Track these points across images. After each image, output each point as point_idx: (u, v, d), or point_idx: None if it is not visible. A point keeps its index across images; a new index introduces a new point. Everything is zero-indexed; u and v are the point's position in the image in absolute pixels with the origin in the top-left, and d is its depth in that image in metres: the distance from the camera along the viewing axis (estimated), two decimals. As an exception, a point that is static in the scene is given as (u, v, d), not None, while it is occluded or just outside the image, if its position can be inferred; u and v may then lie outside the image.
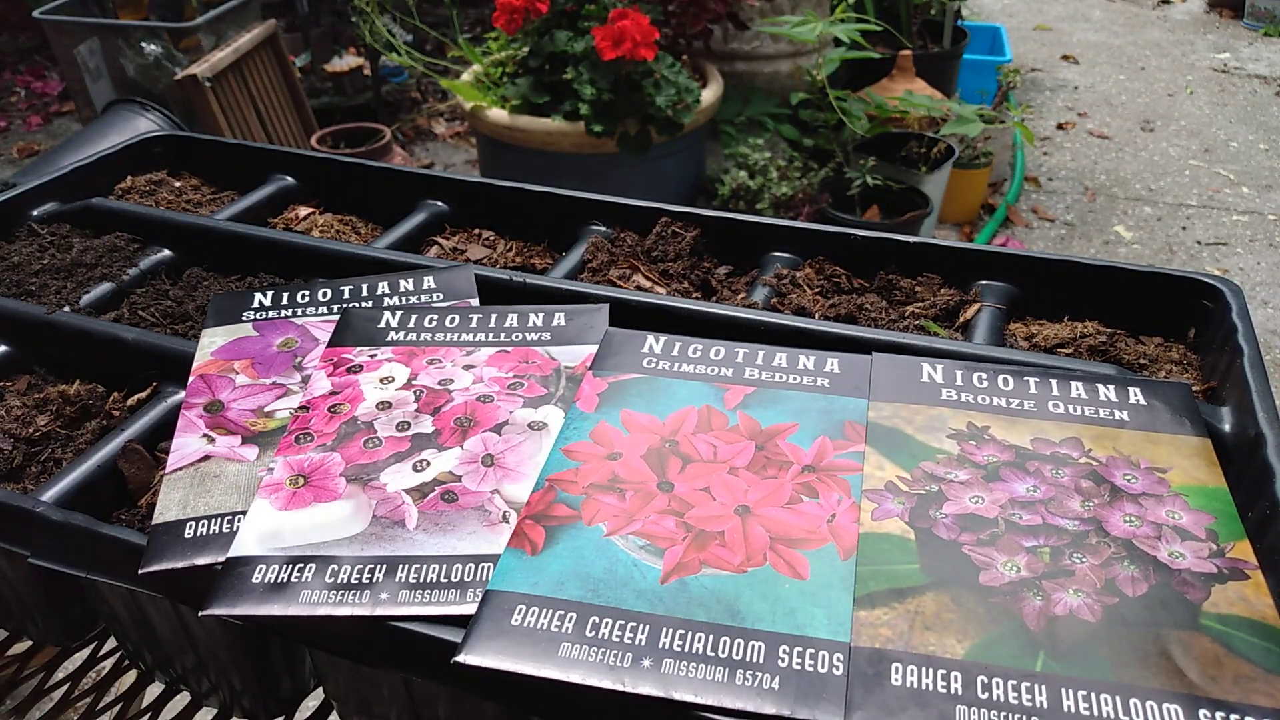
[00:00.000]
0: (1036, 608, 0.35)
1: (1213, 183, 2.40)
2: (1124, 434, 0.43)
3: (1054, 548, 0.38)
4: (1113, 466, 0.41)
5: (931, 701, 0.32)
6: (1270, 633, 0.34)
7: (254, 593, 0.37)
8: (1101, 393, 0.46)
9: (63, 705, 0.52)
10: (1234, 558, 0.37)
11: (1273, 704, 0.31)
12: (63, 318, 0.56)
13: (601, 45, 1.63)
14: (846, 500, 0.40)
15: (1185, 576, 0.36)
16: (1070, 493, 0.40)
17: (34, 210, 0.69)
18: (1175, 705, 0.31)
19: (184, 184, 0.77)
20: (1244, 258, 2.09)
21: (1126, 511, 0.39)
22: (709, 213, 0.64)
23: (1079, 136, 2.66)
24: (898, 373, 0.48)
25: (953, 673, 0.33)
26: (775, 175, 1.96)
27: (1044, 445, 0.43)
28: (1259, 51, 3.23)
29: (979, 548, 0.38)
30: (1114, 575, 0.36)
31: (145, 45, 1.97)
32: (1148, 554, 0.37)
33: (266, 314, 0.53)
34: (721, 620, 0.35)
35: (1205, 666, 0.33)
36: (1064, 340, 0.55)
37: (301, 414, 0.46)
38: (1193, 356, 0.54)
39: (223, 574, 0.38)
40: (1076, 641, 0.34)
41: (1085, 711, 0.31)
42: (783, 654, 0.34)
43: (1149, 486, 0.40)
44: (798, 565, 0.37)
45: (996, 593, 0.36)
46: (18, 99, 2.86)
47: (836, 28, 1.81)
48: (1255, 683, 0.32)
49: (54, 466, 0.49)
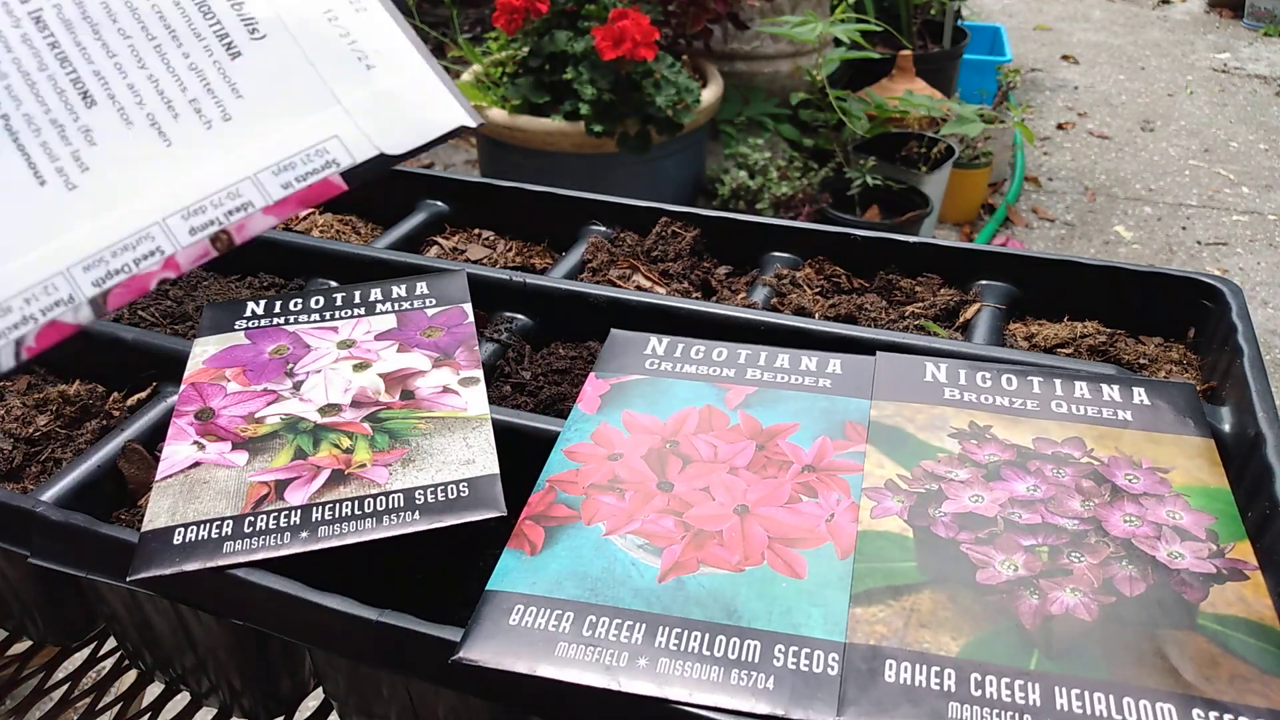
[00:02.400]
0: (1033, 606, 0.35)
1: (1213, 183, 2.40)
2: (1127, 434, 0.43)
3: (1052, 547, 0.38)
4: (1114, 466, 0.41)
5: (924, 699, 0.32)
6: (1267, 633, 0.34)
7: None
8: (1105, 393, 0.46)
9: (63, 705, 0.52)
10: (1233, 558, 0.37)
11: (1267, 704, 0.31)
12: (62, 317, 0.56)
13: (601, 45, 1.63)
14: (846, 500, 0.40)
15: (1184, 577, 0.36)
16: (1071, 492, 0.40)
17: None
18: (1169, 705, 0.31)
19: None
20: (1244, 258, 2.09)
21: (1127, 511, 0.39)
22: (709, 213, 0.64)
23: (1079, 136, 2.66)
24: (900, 372, 0.48)
25: (946, 670, 0.33)
26: (775, 175, 1.96)
27: (1046, 445, 0.43)
28: (1259, 51, 3.23)
29: (977, 546, 0.38)
30: (1112, 575, 0.36)
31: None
32: (1147, 554, 0.37)
33: (259, 322, 0.53)
34: (718, 619, 0.35)
35: (1201, 666, 0.33)
36: (1064, 340, 0.55)
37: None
38: (1193, 356, 0.54)
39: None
40: (1071, 640, 0.34)
41: (1078, 710, 0.31)
42: (778, 653, 0.34)
43: (1150, 486, 0.40)
44: (795, 564, 0.37)
45: (993, 591, 0.36)
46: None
47: (836, 28, 1.81)
48: (1250, 683, 0.32)
49: (54, 466, 0.49)
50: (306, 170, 0.31)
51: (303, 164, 0.31)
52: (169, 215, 0.30)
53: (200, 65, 0.31)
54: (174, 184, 0.30)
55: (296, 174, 0.31)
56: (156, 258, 0.30)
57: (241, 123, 0.31)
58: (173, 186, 0.30)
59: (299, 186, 0.31)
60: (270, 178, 0.31)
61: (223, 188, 0.30)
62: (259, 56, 0.32)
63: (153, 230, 0.30)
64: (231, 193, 0.30)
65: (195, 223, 0.30)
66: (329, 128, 0.32)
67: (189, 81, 0.31)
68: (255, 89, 0.31)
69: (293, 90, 0.31)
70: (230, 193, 0.30)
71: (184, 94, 0.31)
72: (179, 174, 0.30)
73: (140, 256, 0.30)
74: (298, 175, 0.31)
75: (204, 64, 0.31)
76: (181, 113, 0.31)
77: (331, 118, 0.32)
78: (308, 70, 0.32)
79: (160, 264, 0.30)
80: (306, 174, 0.31)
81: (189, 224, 0.30)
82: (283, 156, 0.31)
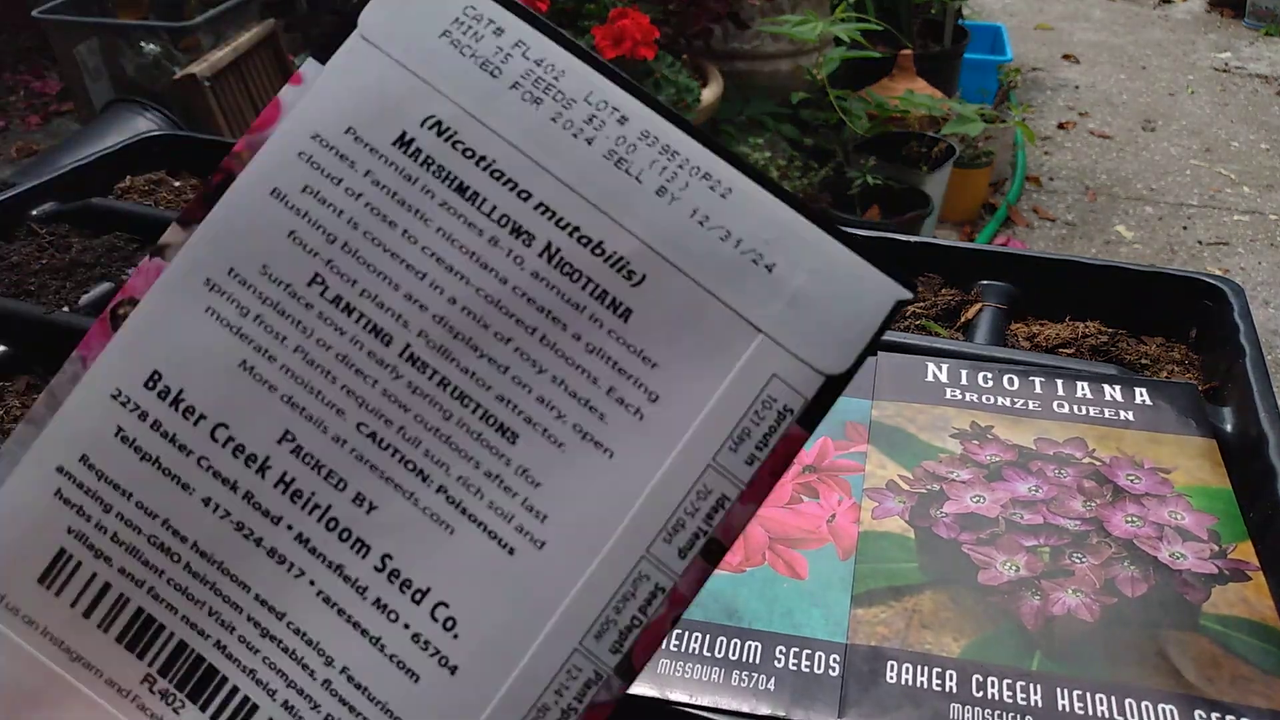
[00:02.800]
0: (1034, 607, 0.35)
1: (1214, 182, 2.40)
2: (1128, 434, 0.43)
3: (1054, 547, 0.37)
4: (1116, 467, 0.41)
5: (926, 700, 0.32)
6: (1269, 634, 0.34)
7: None
8: (1107, 393, 0.46)
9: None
10: (1235, 559, 0.37)
11: (1269, 705, 0.31)
12: (61, 318, 0.56)
13: (601, 44, 1.63)
14: (847, 500, 0.40)
15: (1186, 577, 0.36)
16: (1072, 493, 0.40)
17: (33, 210, 0.69)
18: (1171, 705, 0.31)
19: (183, 183, 0.77)
20: (1245, 257, 2.08)
21: (1129, 512, 0.39)
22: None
23: (1080, 136, 2.66)
24: (902, 372, 0.47)
25: (948, 671, 0.33)
26: (775, 174, 1.96)
27: (1047, 445, 0.43)
28: (1260, 51, 3.23)
29: (978, 547, 0.38)
30: (1114, 575, 0.36)
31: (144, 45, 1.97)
32: (1148, 554, 0.37)
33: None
34: (719, 620, 0.35)
35: (1203, 667, 0.32)
36: (1065, 340, 0.55)
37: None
38: (1194, 356, 0.54)
39: None
40: (1073, 641, 0.34)
41: (1080, 711, 0.31)
42: (779, 654, 0.34)
43: (1152, 487, 0.40)
44: (796, 565, 0.37)
45: (995, 592, 0.36)
46: (17, 98, 2.86)
47: (837, 27, 1.81)
48: (1253, 683, 0.32)
49: (53, 466, 0.49)
50: (763, 433, 0.24)
51: (755, 426, 0.24)
52: (650, 544, 0.24)
53: (598, 343, 0.25)
54: (634, 504, 0.24)
55: (755, 441, 0.24)
56: (660, 598, 0.24)
57: (670, 399, 0.24)
58: (635, 508, 0.24)
59: (764, 456, 0.24)
60: (730, 457, 0.24)
61: (687, 489, 0.24)
62: (650, 303, 0.25)
63: (642, 568, 0.24)
64: (699, 492, 0.24)
65: (680, 542, 0.24)
66: (763, 366, 0.24)
67: (596, 368, 0.25)
68: (667, 349, 0.25)
69: (701, 331, 0.24)
70: (698, 492, 0.24)
71: (597, 386, 0.24)
72: (634, 490, 0.24)
73: (643, 603, 0.24)
74: (757, 442, 0.24)
75: (600, 340, 0.25)
76: (606, 411, 0.24)
77: (759, 353, 0.24)
78: (705, 300, 0.25)
79: (667, 603, 0.24)
80: (765, 437, 0.24)
81: (674, 546, 0.24)
82: (731, 424, 0.24)
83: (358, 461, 0.25)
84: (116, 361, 0.26)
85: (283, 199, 0.26)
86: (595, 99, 0.26)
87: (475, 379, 0.25)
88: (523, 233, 0.25)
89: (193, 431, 0.25)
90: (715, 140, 0.26)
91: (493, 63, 0.26)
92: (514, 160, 0.26)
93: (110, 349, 0.26)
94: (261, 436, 0.25)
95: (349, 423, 0.25)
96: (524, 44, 0.26)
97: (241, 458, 0.25)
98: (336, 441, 0.25)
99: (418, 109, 0.26)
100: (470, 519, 0.25)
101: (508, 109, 0.26)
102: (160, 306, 0.26)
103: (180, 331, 0.26)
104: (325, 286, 0.25)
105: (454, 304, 0.25)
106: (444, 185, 0.25)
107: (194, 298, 0.26)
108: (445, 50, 0.26)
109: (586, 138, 0.26)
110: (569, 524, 0.24)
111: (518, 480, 0.25)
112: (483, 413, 0.25)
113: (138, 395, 0.25)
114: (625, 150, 0.25)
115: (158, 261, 0.26)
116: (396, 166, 0.26)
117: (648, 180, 0.25)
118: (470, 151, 0.26)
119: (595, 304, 0.25)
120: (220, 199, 0.26)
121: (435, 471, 0.25)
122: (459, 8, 0.26)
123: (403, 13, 0.26)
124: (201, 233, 0.26)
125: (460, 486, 0.25)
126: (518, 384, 0.25)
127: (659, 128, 0.26)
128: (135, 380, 0.25)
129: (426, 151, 0.26)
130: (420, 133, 0.26)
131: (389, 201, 0.25)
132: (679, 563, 0.24)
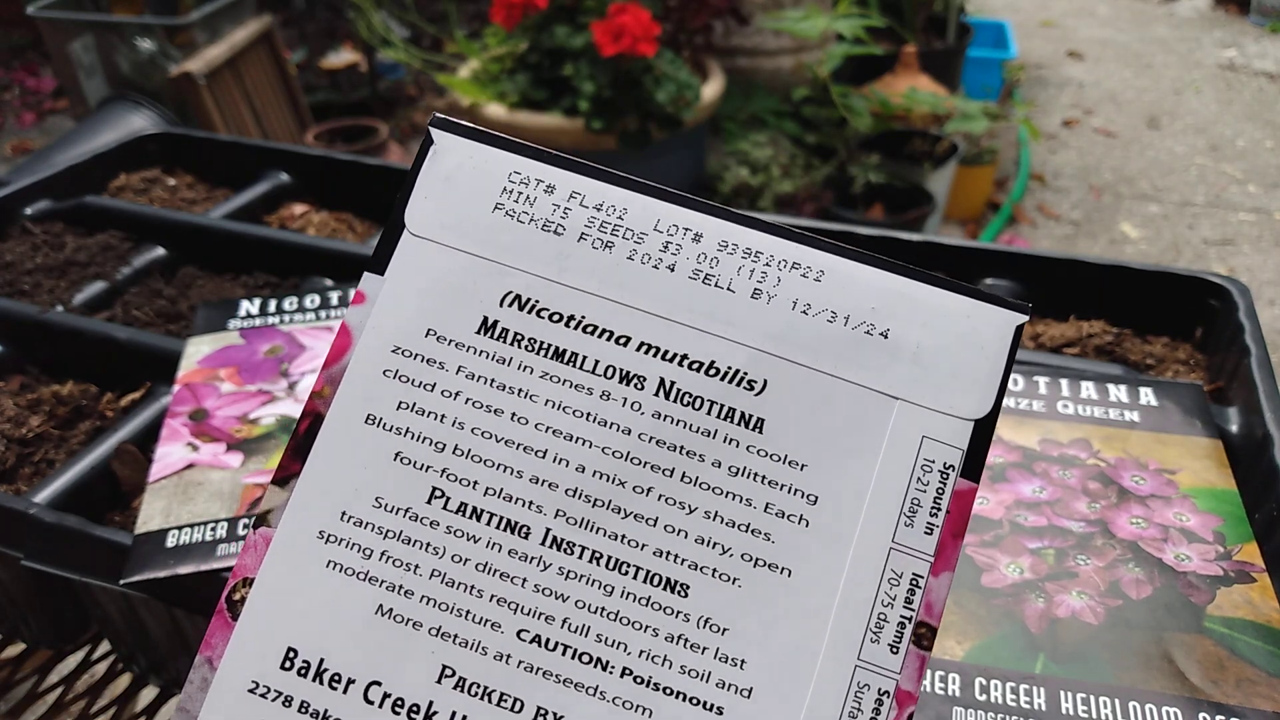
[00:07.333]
0: (1038, 610, 0.34)
1: (1219, 181, 2.39)
2: (1134, 435, 0.43)
3: (1059, 549, 0.37)
4: (1121, 468, 0.41)
5: (929, 703, 0.32)
6: (1275, 636, 0.33)
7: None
8: (1112, 393, 0.45)
9: (57, 709, 0.52)
10: (1240, 560, 0.36)
11: (1274, 707, 0.31)
12: (56, 317, 0.56)
13: (601, 41, 1.62)
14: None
15: (1190, 579, 0.35)
16: (1077, 494, 0.40)
17: (27, 208, 0.69)
18: (1175, 708, 0.31)
19: (178, 181, 0.77)
20: (1250, 256, 2.07)
21: (1133, 513, 0.38)
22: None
23: (1085, 133, 2.65)
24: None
25: (951, 674, 0.32)
26: (777, 172, 1.95)
27: (1052, 446, 0.42)
28: (1265, 48, 3.21)
29: (983, 549, 0.37)
30: (1118, 577, 0.36)
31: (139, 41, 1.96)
32: (1153, 556, 0.36)
33: (253, 321, 0.53)
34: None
35: (1207, 669, 0.32)
36: (1070, 340, 0.54)
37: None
38: (1199, 356, 0.54)
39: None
40: (1077, 644, 0.33)
41: (1084, 714, 0.31)
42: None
43: (1157, 488, 0.40)
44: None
45: (999, 594, 0.35)
46: (11, 96, 2.86)
47: (839, 23, 1.80)
48: (1257, 686, 0.31)
49: (47, 468, 0.49)
50: (932, 497, 0.23)
51: (922, 493, 0.23)
52: (858, 651, 0.23)
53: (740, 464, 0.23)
54: (829, 616, 0.23)
55: (927, 509, 0.23)
56: (887, 702, 0.23)
57: (829, 496, 0.23)
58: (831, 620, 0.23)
59: (940, 520, 0.23)
60: (908, 533, 0.23)
61: (877, 582, 0.23)
62: (779, 407, 0.24)
63: (859, 678, 0.23)
64: (890, 579, 0.23)
65: (888, 638, 0.23)
66: (910, 431, 0.24)
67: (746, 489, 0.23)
68: (810, 447, 0.24)
69: (837, 417, 0.24)
70: (889, 580, 0.23)
71: (753, 507, 0.23)
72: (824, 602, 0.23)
73: (871, 715, 0.22)
74: (930, 509, 0.23)
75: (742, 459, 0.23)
76: (769, 530, 0.23)
77: (902, 419, 0.24)
78: (832, 385, 0.24)
79: (895, 707, 0.23)
80: (936, 500, 0.23)
81: (883, 644, 0.23)
82: (898, 500, 0.24)
83: (528, 674, 0.23)
84: (246, 652, 0.24)
85: (379, 423, 0.24)
86: (664, 224, 0.25)
87: (627, 542, 0.24)
88: (632, 378, 0.24)
89: (344, 701, 0.23)
90: (794, 229, 0.25)
91: (554, 221, 0.25)
92: (603, 310, 0.25)
93: (235, 640, 0.24)
94: (419, 682, 0.23)
95: (508, 634, 0.23)
96: (579, 194, 0.25)
97: (403, 712, 0.23)
98: (500, 659, 0.23)
99: (493, 290, 0.25)
100: (666, 693, 0.23)
101: (582, 262, 0.25)
102: (278, 577, 0.24)
103: (306, 597, 0.24)
104: (447, 499, 0.24)
105: (584, 472, 0.24)
106: (541, 356, 0.24)
107: (311, 556, 0.24)
108: (502, 223, 0.25)
109: (668, 265, 0.25)
110: (770, 662, 0.23)
111: (702, 634, 0.23)
112: (645, 574, 0.23)
113: (277, 681, 0.23)
114: (709, 266, 0.25)
115: (264, 531, 0.24)
116: (487, 354, 0.24)
117: (740, 287, 0.25)
118: (557, 315, 0.25)
119: (725, 424, 0.24)
120: (314, 445, 0.25)
121: (614, 655, 0.23)
122: (504, 176, 0.26)
123: (448, 199, 0.25)
124: (303, 485, 0.24)
125: (645, 662, 0.23)
126: (672, 532, 0.24)
127: (735, 234, 0.25)
128: (270, 665, 0.23)
129: (514, 329, 0.25)
130: (502, 312, 0.25)
131: (489, 390, 0.24)
132: (893, 659, 0.22)
